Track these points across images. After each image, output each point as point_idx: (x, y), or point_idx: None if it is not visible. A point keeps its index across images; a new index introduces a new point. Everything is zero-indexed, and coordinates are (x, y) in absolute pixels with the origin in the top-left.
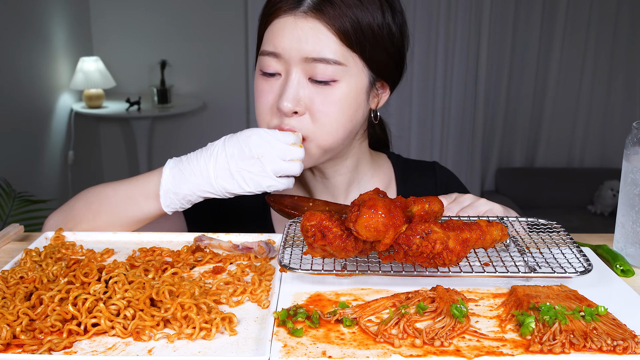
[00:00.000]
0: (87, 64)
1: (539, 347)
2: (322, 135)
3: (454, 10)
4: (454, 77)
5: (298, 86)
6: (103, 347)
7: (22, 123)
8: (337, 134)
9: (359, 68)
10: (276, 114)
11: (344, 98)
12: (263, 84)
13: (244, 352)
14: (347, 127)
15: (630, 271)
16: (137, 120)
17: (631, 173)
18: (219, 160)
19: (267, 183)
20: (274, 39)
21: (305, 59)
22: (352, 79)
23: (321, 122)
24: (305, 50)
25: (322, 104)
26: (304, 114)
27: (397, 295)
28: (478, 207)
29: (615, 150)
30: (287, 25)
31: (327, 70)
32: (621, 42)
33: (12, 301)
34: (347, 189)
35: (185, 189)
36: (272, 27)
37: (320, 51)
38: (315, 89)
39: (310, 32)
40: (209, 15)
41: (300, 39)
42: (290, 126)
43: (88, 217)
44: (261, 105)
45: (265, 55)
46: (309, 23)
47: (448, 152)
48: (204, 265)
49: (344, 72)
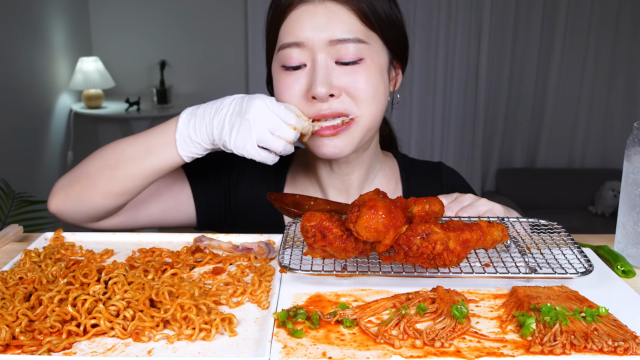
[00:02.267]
0: (87, 64)
1: (539, 348)
2: (367, 110)
3: (454, 10)
4: (455, 77)
5: (327, 70)
6: (102, 348)
7: (21, 123)
8: (377, 109)
9: (380, 46)
10: (307, 103)
11: (372, 74)
12: (287, 79)
13: (244, 353)
14: (382, 102)
15: (631, 272)
16: (137, 121)
17: (632, 173)
18: (221, 112)
19: (247, 147)
20: (295, 29)
21: (329, 42)
22: (375, 56)
23: (362, 98)
24: (327, 34)
25: (355, 82)
26: (340, 95)
27: (397, 296)
28: (478, 206)
29: (616, 150)
30: (307, 13)
31: (351, 49)
32: (622, 42)
33: (11, 302)
34: (361, 185)
35: (198, 135)
36: (290, 18)
37: (343, 32)
38: (344, 69)
39: (332, 15)
40: (209, 15)
41: (321, 25)
42: (333, 109)
43: (105, 173)
44: (288, 99)
45: (287, 47)
46: (329, 7)
47: (448, 152)
48: (204, 266)
49: (368, 49)
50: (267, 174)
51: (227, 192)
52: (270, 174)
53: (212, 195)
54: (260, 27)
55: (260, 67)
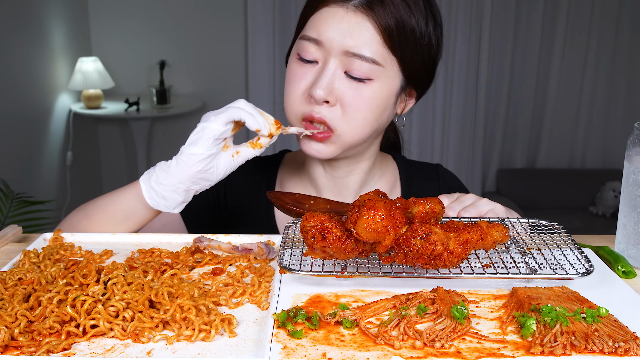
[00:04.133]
0: (86, 64)
1: (540, 348)
2: (350, 129)
3: (455, 10)
4: (455, 77)
5: (333, 77)
6: (102, 349)
7: (20, 124)
8: (363, 130)
9: (395, 71)
10: (306, 101)
11: (376, 97)
12: (298, 69)
13: (244, 354)
14: (373, 125)
15: (632, 272)
16: (136, 121)
17: (633, 174)
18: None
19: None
20: (319, 26)
21: (345, 52)
22: (386, 80)
23: (351, 116)
24: (347, 44)
25: (354, 98)
26: (334, 105)
27: (397, 297)
28: (480, 206)
29: (617, 151)
30: (336, 15)
31: (364, 67)
32: (623, 42)
33: (10, 303)
34: (358, 189)
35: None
36: (320, 14)
37: (362, 47)
38: (349, 83)
39: (357, 27)
40: (209, 15)
41: (344, 32)
42: (321, 115)
43: (83, 222)
44: (292, 90)
45: (307, 40)
46: (357, 18)
47: (449, 152)
48: (203, 267)
49: (380, 72)
50: (256, 180)
51: (217, 205)
52: (259, 179)
53: (203, 214)
54: (260, 28)
55: (260, 68)
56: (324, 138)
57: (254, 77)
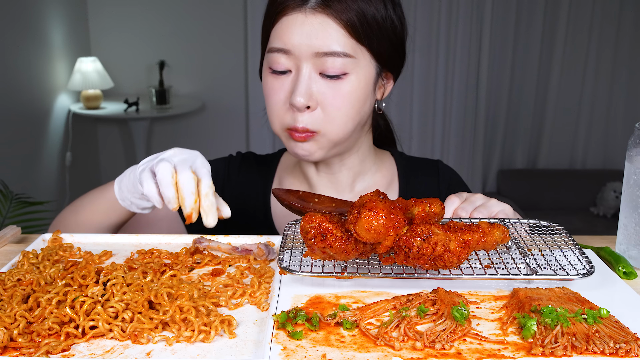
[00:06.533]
0: (85, 64)
1: (540, 350)
2: (333, 128)
3: (455, 10)
4: (455, 77)
5: (310, 81)
6: (101, 350)
7: (19, 124)
8: (346, 127)
9: (367, 60)
10: (289, 110)
11: (354, 90)
12: (273, 82)
13: (243, 355)
14: (355, 119)
15: (633, 273)
16: (136, 121)
17: (634, 174)
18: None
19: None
20: (283, 36)
21: (315, 54)
22: (361, 70)
23: (332, 116)
24: (315, 45)
25: (333, 97)
26: (315, 109)
27: (397, 298)
28: (490, 207)
29: (618, 151)
30: (296, 21)
31: (337, 63)
32: (624, 42)
33: (9, 304)
34: (352, 184)
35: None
36: (281, 24)
37: (330, 45)
38: (327, 83)
39: (319, 27)
40: (208, 15)
41: (309, 35)
42: (303, 124)
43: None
44: (273, 103)
45: (275, 52)
46: (318, 18)
47: (449, 153)
48: (203, 268)
49: (353, 64)
50: (255, 179)
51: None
52: (257, 178)
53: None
54: (259, 28)
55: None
56: (307, 137)
57: (253, 77)
